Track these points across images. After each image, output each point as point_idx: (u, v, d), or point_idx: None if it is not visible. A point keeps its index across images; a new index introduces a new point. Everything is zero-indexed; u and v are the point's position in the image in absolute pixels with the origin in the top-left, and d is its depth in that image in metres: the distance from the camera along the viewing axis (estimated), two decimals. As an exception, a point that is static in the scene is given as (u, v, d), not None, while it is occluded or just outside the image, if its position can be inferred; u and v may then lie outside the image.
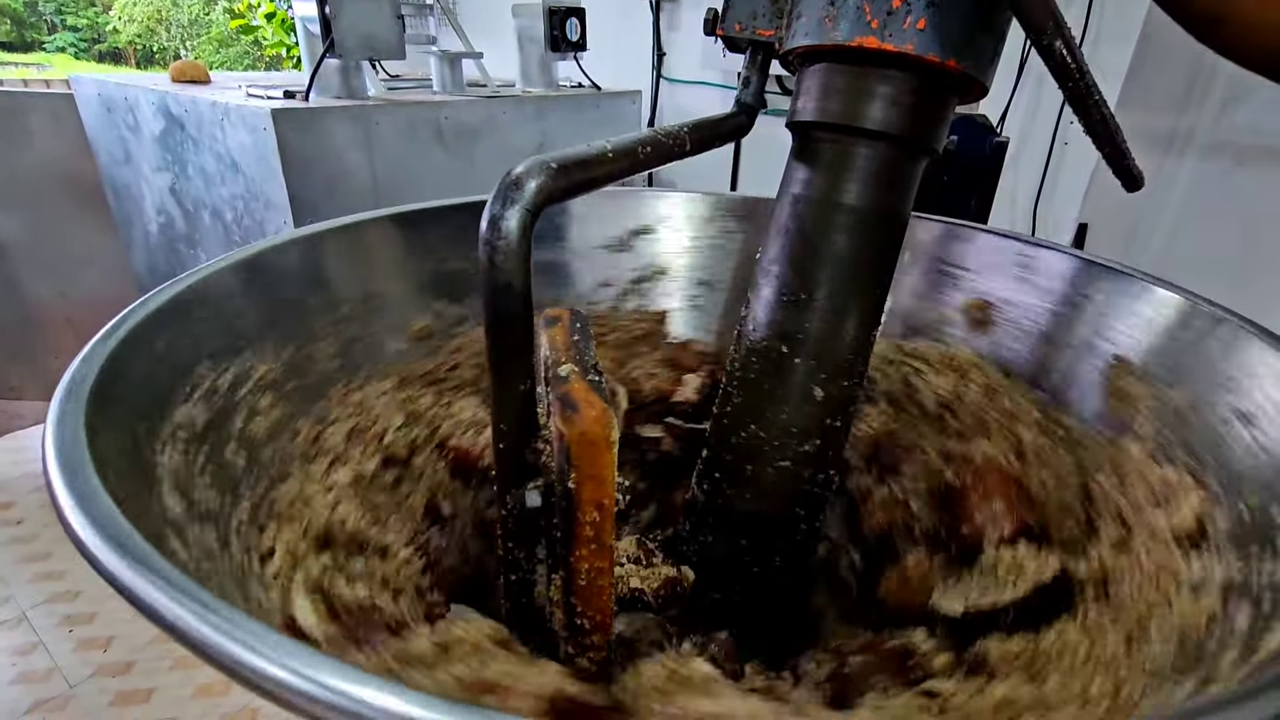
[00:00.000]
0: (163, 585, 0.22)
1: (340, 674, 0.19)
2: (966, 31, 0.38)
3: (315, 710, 0.18)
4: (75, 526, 0.24)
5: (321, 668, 0.19)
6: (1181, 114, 1.62)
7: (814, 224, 0.45)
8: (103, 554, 0.23)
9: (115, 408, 0.33)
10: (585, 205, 0.67)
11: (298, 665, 0.19)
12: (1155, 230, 1.73)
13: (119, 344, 0.36)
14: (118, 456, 0.31)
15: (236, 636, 0.20)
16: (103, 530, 0.24)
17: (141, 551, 0.23)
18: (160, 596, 0.21)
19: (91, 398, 0.32)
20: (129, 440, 0.34)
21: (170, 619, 0.21)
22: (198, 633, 0.20)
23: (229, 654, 0.20)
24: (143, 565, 0.22)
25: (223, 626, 0.20)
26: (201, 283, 0.44)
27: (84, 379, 0.33)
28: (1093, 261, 0.56)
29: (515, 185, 0.29)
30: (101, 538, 0.24)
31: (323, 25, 1.33)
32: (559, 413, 0.29)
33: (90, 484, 0.26)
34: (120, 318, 0.38)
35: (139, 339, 0.37)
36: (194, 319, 0.42)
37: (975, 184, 1.36)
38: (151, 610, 0.21)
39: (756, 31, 0.47)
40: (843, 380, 0.46)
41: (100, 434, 0.30)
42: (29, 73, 10.54)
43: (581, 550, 0.31)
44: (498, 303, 0.29)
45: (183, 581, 0.22)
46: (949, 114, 0.44)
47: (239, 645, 0.20)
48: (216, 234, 1.57)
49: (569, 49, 1.77)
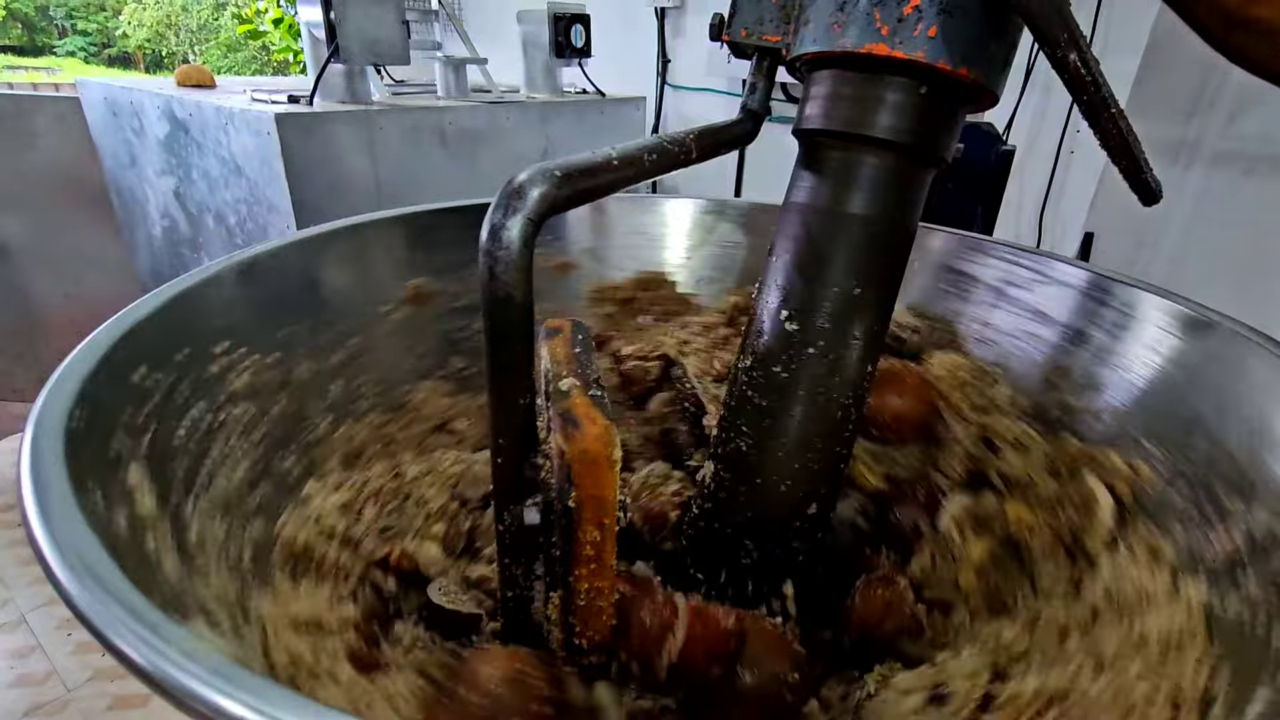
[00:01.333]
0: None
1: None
2: (978, 39, 0.37)
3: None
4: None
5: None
6: (1189, 123, 1.62)
7: (820, 233, 0.44)
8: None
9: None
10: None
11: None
12: (1163, 239, 1.72)
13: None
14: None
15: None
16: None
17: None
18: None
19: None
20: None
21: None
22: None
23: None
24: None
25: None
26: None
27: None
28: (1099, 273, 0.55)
29: (517, 193, 0.28)
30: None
31: (327, 30, 1.33)
32: (560, 429, 0.28)
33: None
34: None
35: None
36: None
37: (981, 192, 1.36)
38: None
39: (763, 37, 0.47)
40: (849, 390, 0.45)
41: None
42: (39, 76, 10.61)
43: (581, 570, 0.30)
44: (497, 315, 0.28)
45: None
46: (959, 123, 0.43)
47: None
48: (220, 237, 1.57)
49: (573, 55, 1.77)
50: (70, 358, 0.35)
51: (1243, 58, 0.31)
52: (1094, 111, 0.33)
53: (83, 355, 0.35)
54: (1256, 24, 0.29)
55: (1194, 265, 1.68)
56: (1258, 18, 0.29)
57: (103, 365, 0.35)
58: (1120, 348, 0.52)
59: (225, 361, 0.44)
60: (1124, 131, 0.33)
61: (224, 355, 0.44)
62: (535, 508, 0.32)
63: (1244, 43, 0.31)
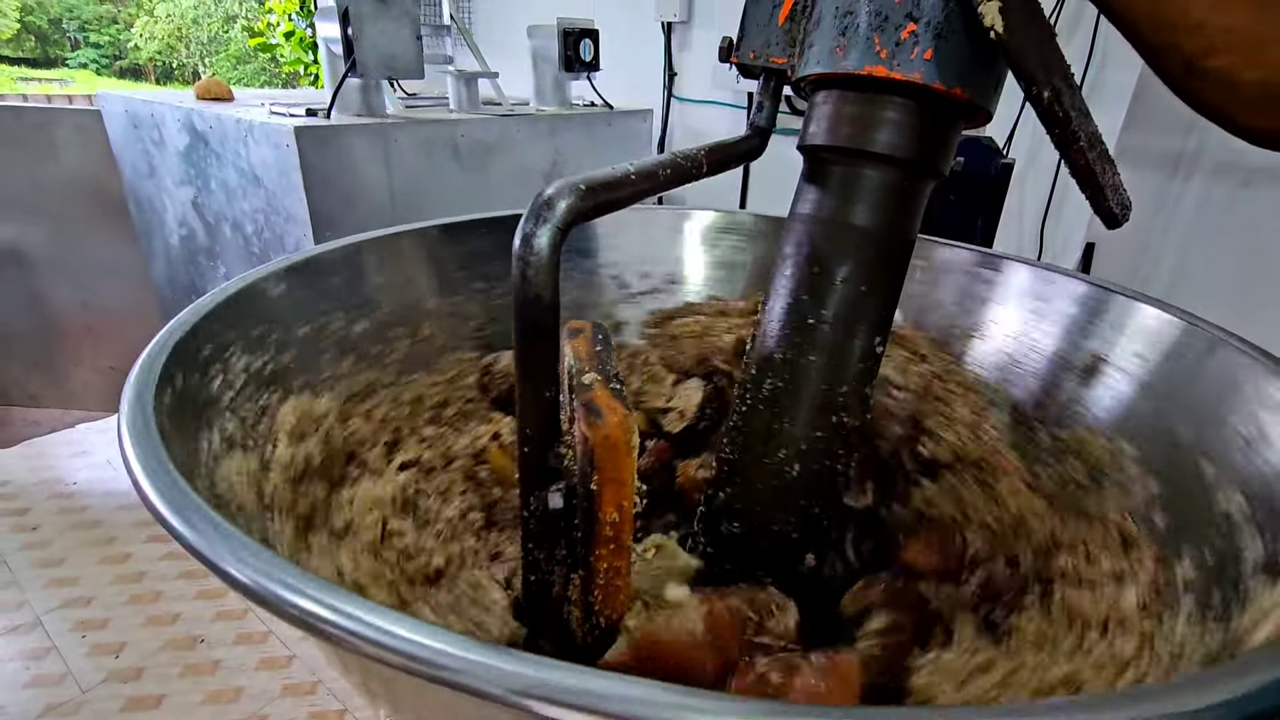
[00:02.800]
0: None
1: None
2: (972, 62, 0.40)
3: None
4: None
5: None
6: (1189, 135, 1.64)
7: (824, 243, 0.46)
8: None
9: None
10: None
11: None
12: (1164, 250, 1.74)
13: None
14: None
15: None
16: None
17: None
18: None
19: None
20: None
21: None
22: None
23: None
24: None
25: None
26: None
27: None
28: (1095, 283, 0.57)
29: (547, 205, 0.31)
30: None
31: (345, 46, 1.37)
32: (583, 418, 0.30)
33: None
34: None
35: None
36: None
37: (982, 205, 1.38)
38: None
39: (770, 59, 0.50)
40: (851, 398, 0.47)
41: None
42: (51, 88, 10.76)
43: (601, 550, 0.32)
44: (528, 314, 0.31)
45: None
46: (955, 139, 0.46)
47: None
48: (237, 246, 1.60)
49: (582, 69, 1.81)
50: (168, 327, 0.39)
51: (1200, 104, 0.32)
52: (1064, 144, 0.35)
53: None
54: (1214, 74, 0.30)
55: (1195, 275, 1.70)
56: (1215, 68, 0.30)
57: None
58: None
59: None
60: (1089, 163, 0.35)
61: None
62: (559, 493, 0.34)
63: (1200, 89, 0.32)
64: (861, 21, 0.41)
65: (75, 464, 2.25)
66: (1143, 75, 1.54)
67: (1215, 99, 0.31)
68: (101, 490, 2.13)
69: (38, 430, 2.25)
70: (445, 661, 0.20)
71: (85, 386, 2.18)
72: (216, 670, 1.56)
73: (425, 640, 0.20)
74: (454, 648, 0.20)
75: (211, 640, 1.62)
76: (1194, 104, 0.32)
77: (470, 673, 0.19)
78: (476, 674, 0.19)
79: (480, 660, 0.19)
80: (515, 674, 0.19)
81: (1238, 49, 0.29)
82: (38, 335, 2.12)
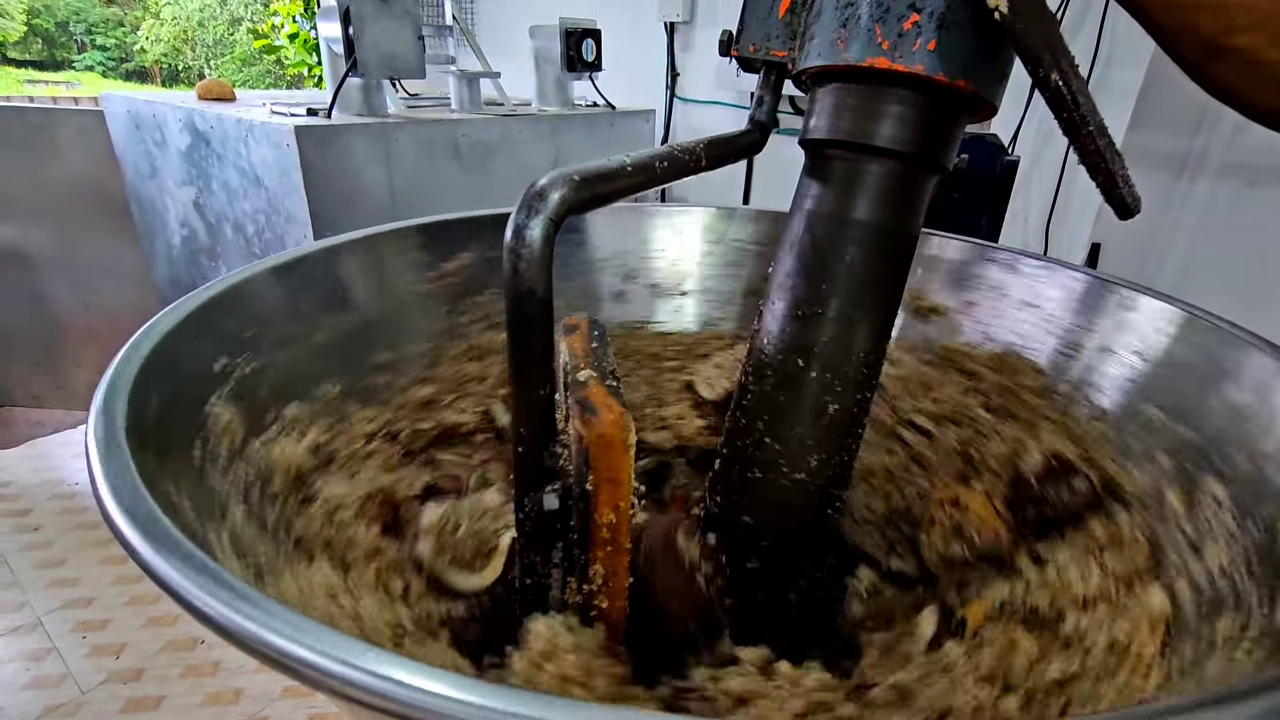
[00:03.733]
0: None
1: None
2: (976, 53, 0.39)
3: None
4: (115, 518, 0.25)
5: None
6: (1195, 135, 1.63)
7: (825, 238, 0.45)
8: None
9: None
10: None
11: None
12: (1170, 250, 1.73)
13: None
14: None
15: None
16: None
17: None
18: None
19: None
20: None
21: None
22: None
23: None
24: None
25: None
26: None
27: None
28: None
29: (539, 196, 0.30)
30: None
31: (346, 45, 1.37)
32: (578, 415, 0.30)
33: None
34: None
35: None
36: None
37: (986, 203, 1.37)
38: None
39: (770, 52, 0.49)
40: (855, 393, 0.47)
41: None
42: (58, 90, 10.82)
43: (597, 551, 0.32)
44: (520, 308, 0.30)
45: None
46: (959, 132, 0.45)
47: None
48: (238, 246, 1.60)
49: (584, 69, 1.81)
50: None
51: (1219, 87, 0.31)
52: (1073, 129, 0.34)
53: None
54: (1235, 53, 0.29)
55: (1200, 275, 1.69)
56: (1236, 47, 0.29)
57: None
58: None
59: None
60: (1101, 149, 0.34)
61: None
62: (554, 494, 0.33)
63: (1220, 72, 0.30)
64: (863, 12, 0.41)
65: (77, 465, 2.25)
66: (1148, 74, 1.53)
67: (1233, 79, 0.30)
68: (103, 491, 2.12)
69: (40, 431, 2.25)
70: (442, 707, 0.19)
71: (88, 387, 2.18)
72: (216, 672, 1.56)
73: (412, 680, 0.19)
74: (451, 689, 0.19)
75: (211, 641, 1.61)
76: (1209, 85, 0.31)
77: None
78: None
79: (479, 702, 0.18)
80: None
81: (1261, 28, 0.28)
82: (40, 336, 2.12)
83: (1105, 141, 0.35)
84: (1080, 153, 0.35)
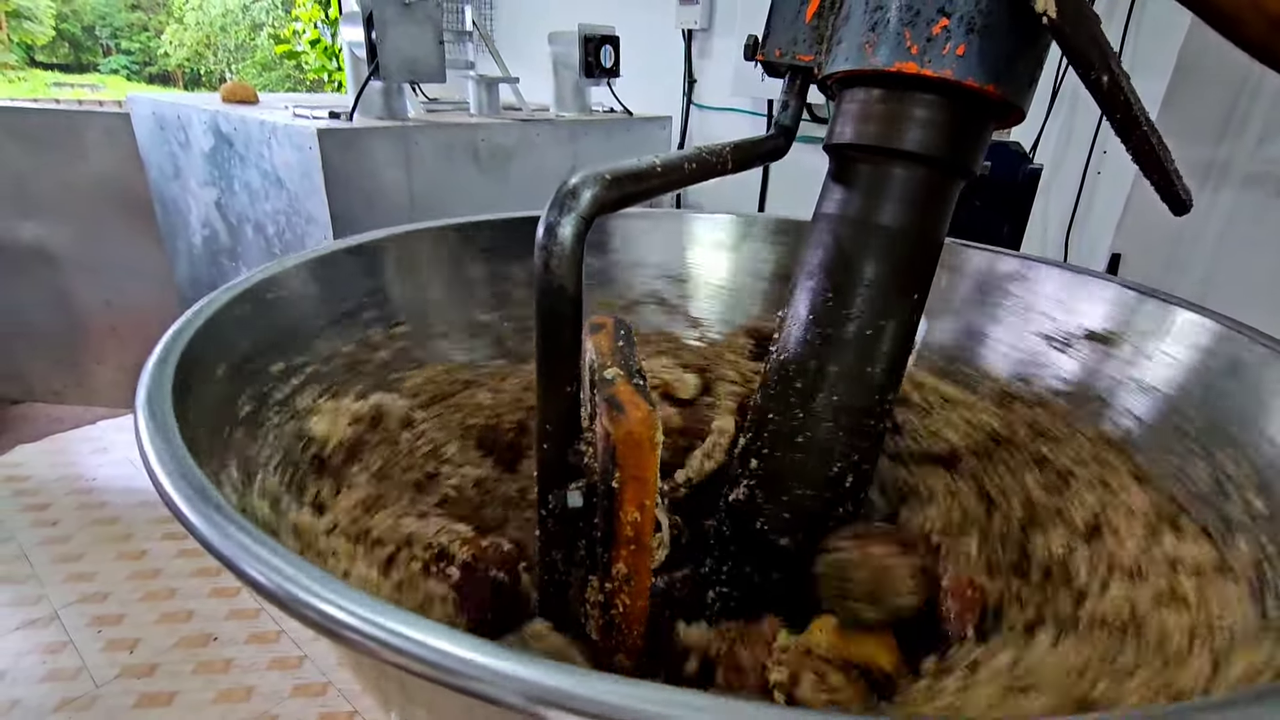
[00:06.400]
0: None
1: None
2: (1006, 58, 0.39)
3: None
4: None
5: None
6: (1219, 144, 1.61)
7: (850, 243, 0.45)
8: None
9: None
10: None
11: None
12: (1192, 260, 1.70)
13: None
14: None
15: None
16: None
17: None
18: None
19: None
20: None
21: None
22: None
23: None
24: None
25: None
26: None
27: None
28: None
29: (571, 194, 0.30)
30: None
31: (369, 49, 1.38)
32: (605, 413, 0.29)
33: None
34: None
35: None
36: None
37: (1008, 211, 1.36)
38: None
39: (796, 57, 0.49)
40: (876, 399, 0.46)
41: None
42: (83, 93, 11.04)
43: (621, 550, 0.31)
44: (550, 305, 0.30)
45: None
46: (986, 137, 0.45)
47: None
48: (258, 247, 1.62)
49: (602, 75, 1.82)
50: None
51: (1255, 45, 0.32)
52: (1126, 129, 0.34)
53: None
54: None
55: (1223, 286, 1.67)
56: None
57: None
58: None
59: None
60: (1155, 147, 0.34)
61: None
62: (579, 491, 0.33)
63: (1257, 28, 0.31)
64: (892, 16, 0.40)
65: (95, 460, 2.28)
66: (1172, 83, 1.52)
67: None
68: (120, 487, 2.15)
69: (60, 426, 2.28)
70: (462, 668, 0.19)
71: (108, 384, 2.21)
72: (229, 669, 1.56)
73: (442, 645, 0.19)
74: (472, 653, 0.19)
75: (224, 639, 1.62)
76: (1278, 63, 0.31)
77: (485, 679, 0.19)
78: (493, 681, 0.19)
79: (497, 667, 0.19)
80: (531, 681, 0.18)
81: None
82: (63, 332, 2.15)
83: (1157, 139, 0.34)
84: (1134, 152, 0.35)
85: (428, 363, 0.59)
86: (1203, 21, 0.33)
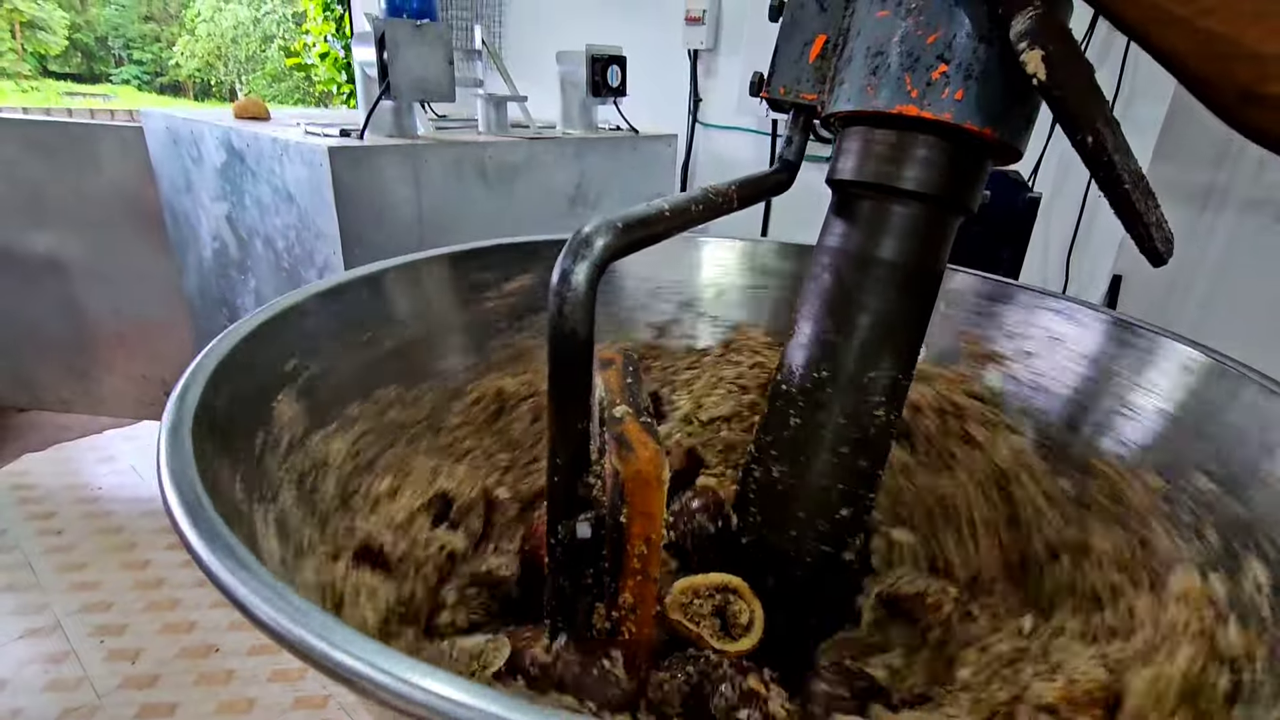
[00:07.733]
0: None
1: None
2: (1003, 103, 0.40)
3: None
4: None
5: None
6: (1218, 169, 1.63)
7: (850, 277, 0.47)
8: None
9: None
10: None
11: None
12: (1192, 284, 1.72)
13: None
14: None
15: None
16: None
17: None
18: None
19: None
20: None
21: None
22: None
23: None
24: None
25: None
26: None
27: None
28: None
29: (585, 243, 0.31)
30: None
31: (380, 70, 1.41)
32: (615, 451, 0.31)
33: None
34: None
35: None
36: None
37: (1007, 238, 1.38)
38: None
39: (800, 95, 0.50)
40: (875, 429, 0.47)
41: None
42: (95, 103, 11.15)
43: (628, 580, 0.33)
44: (563, 347, 0.31)
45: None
46: (984, 176, 0.46)
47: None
48: (268, 261, 1.64)
49: (609, 94, 1.84)
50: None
51: (1255, 131, 0.32)
52: (1108, 185, 0.35)
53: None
54: (1273, 100, 0.30)
55: (1223, 309, 1.68)
56: (1273, 94, 0.30)
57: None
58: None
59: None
60: (1135, 201, 0.35)
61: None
62: (587, 523, 0.34)
63: (1257, 118, 0.31)
64: (893, 61, 0.42)
65: (101, 470, 2.29)
66: (1171, 108, 1.53)
67: (1270, 123, 0.31)
68: (125, 496, 2.16)
69: (67, 435, 2.30)
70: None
71: (115, 393, 2.23)
72: (230, 681, 1.57)
73: (450, 693, 0.20)
74: (480, 701, 0.20)
75: (226, 650, 1.62)
76: (1245, 129, 0.32)
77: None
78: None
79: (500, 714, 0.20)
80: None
81: None
82: (71, 341, 2.17)
83: (1139, 191, 0.35)
84: (1115, 207, 0.36)
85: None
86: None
